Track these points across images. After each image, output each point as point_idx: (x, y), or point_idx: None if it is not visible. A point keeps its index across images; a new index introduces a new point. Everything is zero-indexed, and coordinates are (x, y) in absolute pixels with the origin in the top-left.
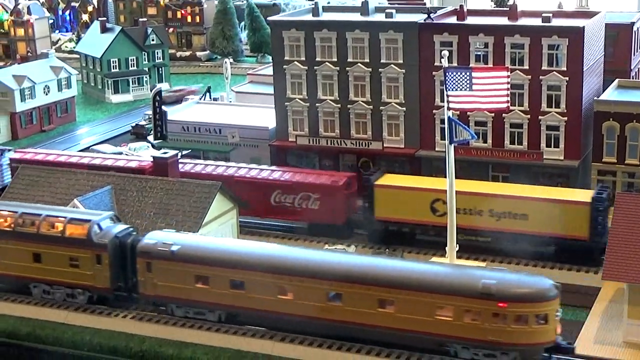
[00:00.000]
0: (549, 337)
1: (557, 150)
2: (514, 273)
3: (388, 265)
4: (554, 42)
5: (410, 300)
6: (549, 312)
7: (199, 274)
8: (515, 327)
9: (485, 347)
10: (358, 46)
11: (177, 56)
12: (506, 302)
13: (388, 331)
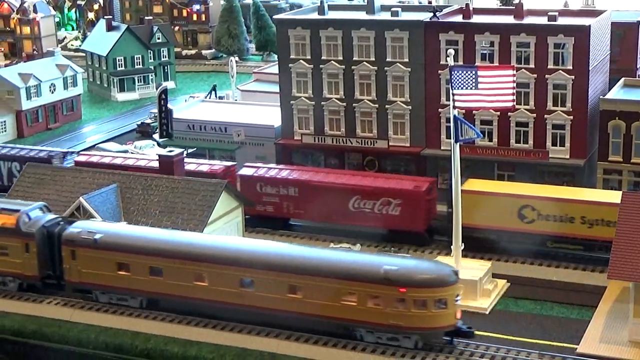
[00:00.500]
0: (449, 321)
1: (562, 149)
2: (416, 259)
3: (298, 253)
4: (559, 41)
5: (318, 286)
6: (448, 297)
7: (120, 262)
8: (416, 311)
9: (388, 331)
10: (364, 45)
11: (182, 54)
12: (406, 287)
13: (298, 316)
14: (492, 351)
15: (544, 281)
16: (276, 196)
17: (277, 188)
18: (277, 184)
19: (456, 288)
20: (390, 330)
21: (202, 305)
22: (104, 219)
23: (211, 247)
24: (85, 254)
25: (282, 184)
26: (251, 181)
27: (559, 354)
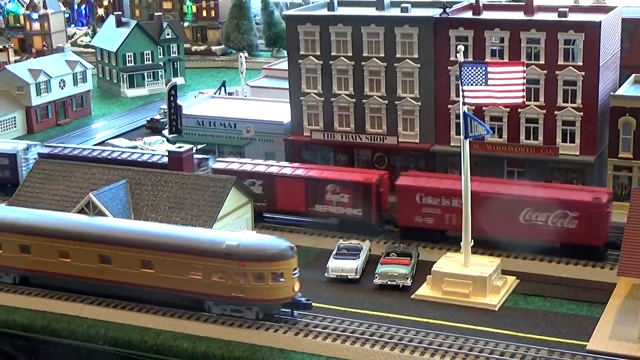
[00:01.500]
0: (287, 293)
1: (572, 146)
2: (257, 235)
3: (150, 230)
4: (570, 37)
5: (168, 262)
6: (285, 271)
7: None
8: (255, 284)
9: (231, 302)
10: (373, 41)
11: (192, 50)
12: (245, 261)
13: (151, 290)
14: (501, 348)
15: (554, 278)
16: (437, 207)
17: (439, 199)
18: (439, 194)
19: (293, 262)
20: (233, 302)
21: (68, 281)
22: (114, 214)
23: (74, 226)
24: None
25: (444, 195)
26: (410, 191)
27: (568, 350)
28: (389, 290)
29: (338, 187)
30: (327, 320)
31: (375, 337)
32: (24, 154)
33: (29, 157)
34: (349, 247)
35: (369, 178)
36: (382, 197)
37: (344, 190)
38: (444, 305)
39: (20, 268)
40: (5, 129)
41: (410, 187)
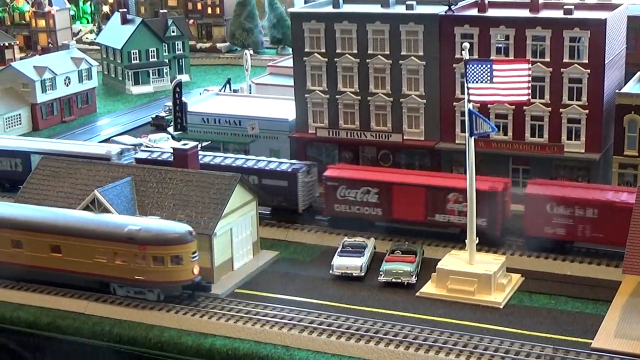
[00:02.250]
0: (186, 276)
1: (578, 143)
2: (159, 221)
3: (59, 216)
4: (575, 35)
5: (75, 246)
6: (184, 254)
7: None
8: (155, 267)
9: (134, 285)
10: (378, 38)
11: (197, 48)
12: (145, 245)
13: (60, 273)
14: (506, 345)
15: (559, 275)
16: (570, 218)
17: (572, 209)
18: (571, 204)
19: (191, 246)
20: (136, 284)
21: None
22: (119, 211)
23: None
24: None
25: (578, 205)
26: (540, 200)
27: (573, 348)
28: (394, 288)
29: (461, 196)
30: (332, 318)
31: (380, 334)
32: (118, 159)
33: (123, 161)
34: (354, 244)
35: (495, 187)
36: (507, 207)
37: None
38: (449, 303)
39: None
40: (10, 125)
41: (540, 197)
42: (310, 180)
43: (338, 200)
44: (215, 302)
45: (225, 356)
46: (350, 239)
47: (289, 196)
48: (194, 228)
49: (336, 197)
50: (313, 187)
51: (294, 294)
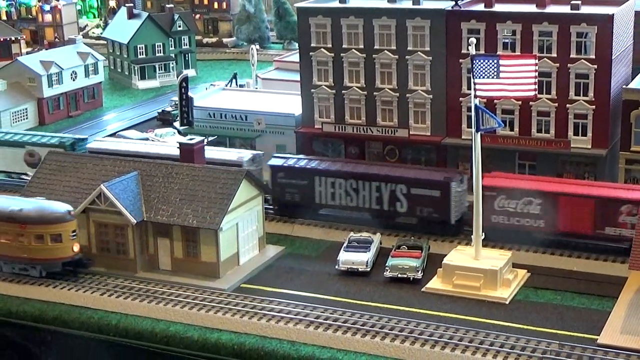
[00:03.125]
0: (66, 253)
1: (584, 139)
2: (42, 201)
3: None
4: (582, 30)
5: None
6: (64, 233)
7: None
8: (36, 245)
9: (18, 262)
10: (385, 33)
11: (203, 42)
12: (26, 224)
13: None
14: (512, 341)
15: (565, 271)
16: None
17: None
18: None
19: (71, 225)
20: (19, 261)
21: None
22: (125, 206)
23: None
24: None
25: None
26: None
27: (579, 344)
28: (400, 283)
29: (635, 208)
30: (338, 313)
31: (385, 329)
32: (250, 165)
33: (255, 167)
34: (360, 239)
35: None
36: None
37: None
38: (455, 298)
39: None
40: (17, 120)
41: None
42: (462, 190)
43: (496, 211)
44: (221, 297)
45: (231, 351)
46: (356, 234)
47: (440, 207)
48: (200, 223)
49: (494, 208)
50: (464, 197)
51: (299, 289)
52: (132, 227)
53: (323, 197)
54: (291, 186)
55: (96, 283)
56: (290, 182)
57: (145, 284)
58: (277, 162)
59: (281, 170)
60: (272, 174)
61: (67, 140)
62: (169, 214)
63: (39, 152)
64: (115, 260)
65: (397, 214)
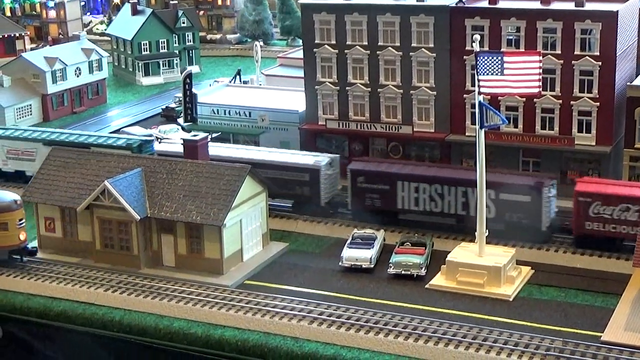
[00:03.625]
0: (12, 241)
1: (588, 136)
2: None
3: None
4: (587, 27)
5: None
6: (10, 221)
7: None
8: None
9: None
10: (389, 30)
11: (207, 39)
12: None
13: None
14: (515, 338)
15: (568, 268)
16: None
17: None
18: None
19: (17, 214)
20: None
21: None
22: (129, 202)
23: None
24: None
25: None
26: None
27: (583, 341)
28: (403, 280)
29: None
30: (341, 310)
31: (389, 326)
32: (328, 169)
33: (330, 172)
34: (364, 236)
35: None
36: None
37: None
38: (458, 295)
39: None
40: (21, 116)
41: None
42: (552, 195)
43: (590, 217)
44: (225, 294)
45: (234, 347)
46: (360, 231)
47: (530, 213)
48: (204, 219)
49: (588, 215)
50: (553, 202)
51: (303, 286)
52: (135, 223)
53: (406, 202)
54: (371, 191)
55: (100, 279)
56: (371, 186)
57: (149, 280)
58: (358, 167)
59: (362, 175)
60: (352, 178)
61: (134, 141)
62: (173, 210)
63: None
64: (119, 256)
65: None
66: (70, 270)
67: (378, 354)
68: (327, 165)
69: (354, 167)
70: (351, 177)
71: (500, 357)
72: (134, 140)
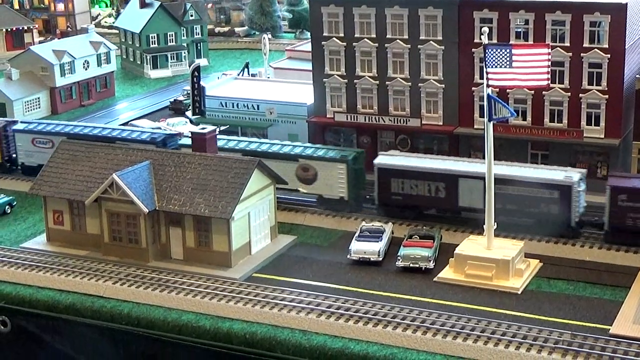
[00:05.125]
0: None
1: (597, 129)
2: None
3: None
4: (596, 19)
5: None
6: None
7: None
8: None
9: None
10: (397, 22)
11: (215, 32)
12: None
13: None
14: (524, 331)
15: (577, 261)
16: None
17: None
18: None
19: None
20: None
21: None
22: (137, 195)
23: None
24: None
25: None
26: None
27: (591, 334)
28: (412, 273)
29: None
30: (350, 303)
31: (397, 319)
32: (579, 185)
33: (583, 188)
34: (372, 229)
35: None
36: None
37: None
38: (467, 288)
39: None
40: (29, 109)
41: None
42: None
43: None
44: (233, 286)
45: (243, 340)
46: (368, 224)
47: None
48: (212, 212)
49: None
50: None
51: (311, 279)
52: (144, 216)
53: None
54: (636, 211)
55: (108, 272)
56: (636, 205)
57: (157, 273)
58: (621, 183)
59: (624, 192)
60: (611, 195)
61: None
62: (181, 204)
63: (314, 167)
64: (128, 249)
65: None
66: (79, 263)
67: (386, 347)
68: (578, 182)
69: (614, 184)
70: (610, 194)
71: (509, 349)
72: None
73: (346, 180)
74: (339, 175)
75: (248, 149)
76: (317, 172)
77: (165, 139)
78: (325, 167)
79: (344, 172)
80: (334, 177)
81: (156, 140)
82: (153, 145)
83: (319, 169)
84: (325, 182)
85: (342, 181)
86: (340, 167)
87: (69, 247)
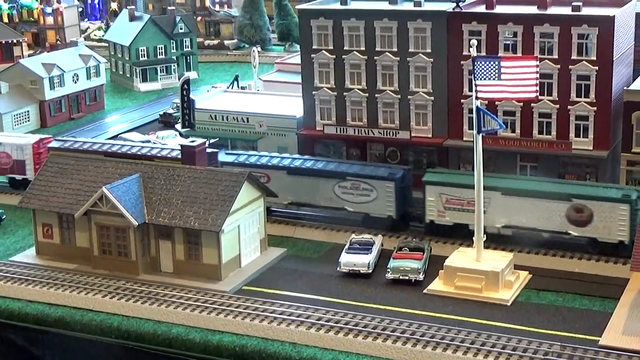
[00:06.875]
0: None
1: (586, 141)
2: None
3: None
4: (583, 32)
5: None
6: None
7: None
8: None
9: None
10: (386, 35)
11: (205, 45)
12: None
13: None
14: (513, 343)
15: (566, 273)
16: None
17: None
18: None
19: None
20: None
21: None
22: (127, 208)
23: None
24: None
25: None
26: None
27: (581, 345)
28: (401, 285)
29: None
30: (339, 315)
31: (387, 331)
32: None
33: None
34: (362, 241)
35: None
36: None
37: None
38: (456, 300)
39: None
40: (18, 123)
41: None
42: None
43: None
44: (223, 299)
45: (232, 353)
46: (358, 236)
47: None
48: (202, 225)
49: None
50: None
51: (301, 291)
52: (133, 229)
53: None
54: None
55: (98, 285)
56: None
57: (147, 286)
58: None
59: None
60: None
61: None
62: (171, 216)
63: (590, 208)
64: (117, 262)
65: None
66: (68, 277)
67: (376, 359)
68: None
69: None
70: None
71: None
72: (627, 190)
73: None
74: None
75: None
76: (593, 213)
77: None
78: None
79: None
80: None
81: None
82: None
83: (597, 209)
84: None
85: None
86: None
87: (59, 261)
